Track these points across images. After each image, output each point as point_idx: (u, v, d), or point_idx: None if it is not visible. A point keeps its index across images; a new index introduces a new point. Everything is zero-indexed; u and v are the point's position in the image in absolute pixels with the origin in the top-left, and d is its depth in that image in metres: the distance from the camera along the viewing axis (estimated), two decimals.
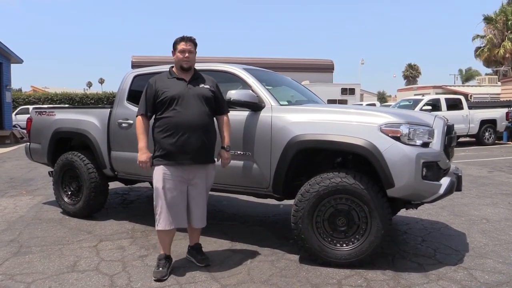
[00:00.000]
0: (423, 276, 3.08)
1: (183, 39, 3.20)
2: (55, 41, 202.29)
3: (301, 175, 3.54)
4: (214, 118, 3.30)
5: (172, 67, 3.30)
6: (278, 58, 33.30)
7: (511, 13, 31.28)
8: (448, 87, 26.85)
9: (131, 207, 5.40)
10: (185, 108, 3.08)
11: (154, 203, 3.15)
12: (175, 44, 3.23)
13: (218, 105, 3.29)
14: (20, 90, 44.15)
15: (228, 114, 3.41)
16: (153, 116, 3.20)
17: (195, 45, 3.26)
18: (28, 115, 5.65)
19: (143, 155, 3.13)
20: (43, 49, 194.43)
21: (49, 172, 5.22)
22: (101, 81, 76.48)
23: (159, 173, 3.10)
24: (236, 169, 3.59)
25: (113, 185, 5.22)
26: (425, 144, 3.14)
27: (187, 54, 3.17)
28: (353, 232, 3.23)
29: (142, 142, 3.14)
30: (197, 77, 3.26)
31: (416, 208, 3.63)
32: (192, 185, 3.17)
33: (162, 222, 3.10)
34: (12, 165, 9.72)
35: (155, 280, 3.01)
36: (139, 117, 3.20)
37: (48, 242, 3.94)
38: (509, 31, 31.25)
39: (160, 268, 3.09)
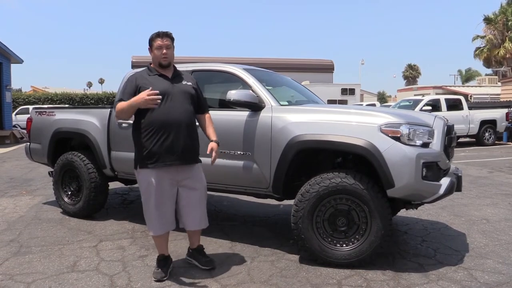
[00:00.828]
0: (423, 276, 3.08)
1: (158, 35, 3.01)
2: (55, 41, 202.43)
3: (301, 175, 3.54)
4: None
5: (151, 63, 3.15)
6: (278, 58, 33.29)
7: (510, 13, 31.30)
8: (448, 87, 26.89)
9: (131, 207, 5.39)
10: (172, 106, 2.94)
11: (143, 207, 3.08)
12: (150, 41, 3.04)
13: (200, 103, 3.18)
14: (20, 90, 44.11)
15: (228, 114, 3.39)
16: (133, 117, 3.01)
17: (172, 40, 3.06)
18: (28, 115, 5.65)
19: (141, 94, 2.83)
20: (43, 49, 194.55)
21: (49, 172, 5.22)
22: (101, 81, 76.43)
23: (146, 177, 2.97)
24: (236, 169, 3.59)
25: (113, 185, 5.22)
26: (425, 145, 3.14)
27: (164, 50, 2.99)
28: (353, 232, 3.23)
29: (131, 100, 2.87)
30: (178, 74, 3.14)
31: (416, 208, 3.62)
32: (182, 186, 3.06)
33: (153, 228, 3.04)
34: (12, 165, 9.72)
35: (155, 281, 3.01)
36: (120, 103, 2.95)
37: (48, 242, 3.94)
38: (509, 32, 31.27)
39: (160, 269, 3.07)
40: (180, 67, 3.41)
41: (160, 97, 2.85)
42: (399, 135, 3.07)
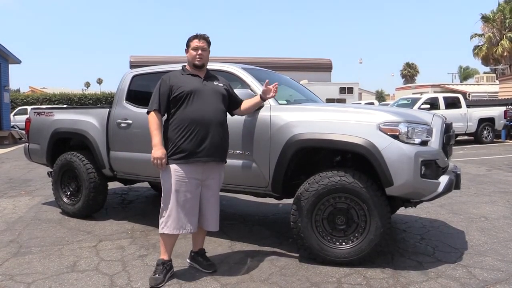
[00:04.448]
0: (422, 274, 3.09)
1: (196, 36, 3.15)
2: (53, 41, 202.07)
3: (300, 174, 3.55)
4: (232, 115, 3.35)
5: (185, 65, 3.26)
6: (277, 57, 33.35)
7: (508, 11, 31.35)
8: (446, 85, 26.87)
9: (130, 207, 5.40)
10: (202, 104, 3.02)
11: (161, 205, 3.04)
12: (188, 42, 3.18)
13: (235, 100, 3.31)
14: (18, 90, 44.07)
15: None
16: (165, 114, 3.12)
17: (209, 43, 3.21)
18: (26, 116, 5.64)
19: (158, 151, 2.96)
20: (41, 49, 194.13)
21: (48, 173, 5.21)
22: (99, 81, 76.46)
23: (172, 173, 2.98)
24: (235, 168, 3.59)
25: (112, 185, 5.22)
26: (424, 143, 3.15)
27: (200, 52, 3.12)
28: (352, 231, 3.24)
29: (156, 138, 2.99)
30: (210, 75, 3.24)
31: (415, 207, 3.64)
32: (205, 186, 3.08)
33: (170, 225, 2.99)
34: (11, 165, 9.70)
35: (150, 287, 2.94)
36: (152, 113, 3.05)
37: (47, 242, 3.94)
38: (507, 30, 31.31)
39: (157, 275, 2.98)
40: (179, 66, 3.42)
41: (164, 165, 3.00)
42: (397, 133, 3.07)
